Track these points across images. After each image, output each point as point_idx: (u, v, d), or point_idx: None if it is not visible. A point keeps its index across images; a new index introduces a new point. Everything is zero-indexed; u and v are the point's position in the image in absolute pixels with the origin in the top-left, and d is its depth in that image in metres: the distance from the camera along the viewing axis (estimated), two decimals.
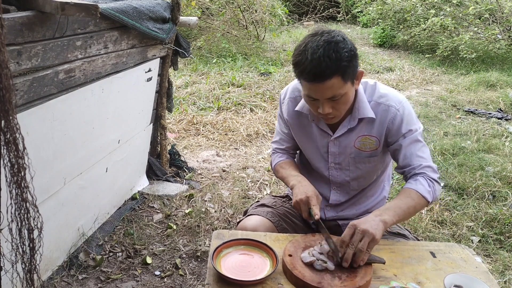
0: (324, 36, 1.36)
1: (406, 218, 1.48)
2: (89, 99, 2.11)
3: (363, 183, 1.70)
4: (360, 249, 1.29)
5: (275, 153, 1.82)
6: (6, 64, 1.10)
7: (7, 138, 1.15)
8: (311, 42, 1.36)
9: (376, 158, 1.62)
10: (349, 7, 11.23)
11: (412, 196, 1.47)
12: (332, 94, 1.40)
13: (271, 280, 1.28)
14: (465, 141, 3.97)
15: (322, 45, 1.34)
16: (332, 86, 1.37)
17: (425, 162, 1.53)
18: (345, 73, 1.36)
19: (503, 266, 2.44)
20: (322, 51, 1.33)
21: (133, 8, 2.24)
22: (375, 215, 1.38)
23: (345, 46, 1.35)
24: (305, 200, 1.48)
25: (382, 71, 6.76)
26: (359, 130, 1.57)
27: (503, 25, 7.24)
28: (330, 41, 1.34)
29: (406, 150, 1.54)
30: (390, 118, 1.54)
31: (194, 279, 2.27)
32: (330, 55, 1.33)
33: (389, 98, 1.55)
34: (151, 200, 2.93)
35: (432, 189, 1.50)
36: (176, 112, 4.50)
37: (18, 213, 1.23)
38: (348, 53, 1.35)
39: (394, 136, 1.55)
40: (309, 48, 1.35)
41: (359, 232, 1.31)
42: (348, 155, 1.62)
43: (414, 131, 1.54)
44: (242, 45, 7.28)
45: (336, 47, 1.34)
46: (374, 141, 1.58)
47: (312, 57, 1.33)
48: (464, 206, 2.99)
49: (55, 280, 2.14)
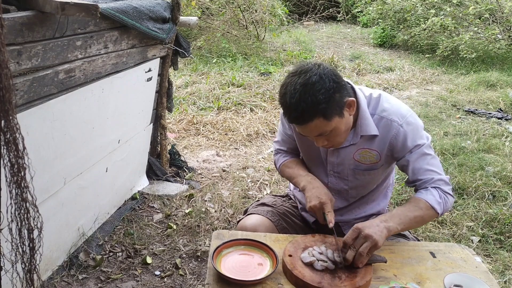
0: (301, 78, 1.34)
1: (412, 227, 1.46)
2: (89, 99, 2.11)
3: (362, 191, 1.68)
4: (360, 253, 1.29)
5: (278, 153, 1.81)
6: (6, 64, 1.10)
7: (7, 138, 1.15)
8: (290, 85, 1.35)
9: (376, 171, 1.60)
10: (349, 7, 11.22)
11: (420, 206, 1.44)
12: (318, 132, 1.40)
13: (271, 280, 1.28)
14: (465, 141, 3.97)
15: (298, 89, 1.32)
16: (316, 127, 1.37)
17: (436, 176, 1.49)
18: (326, 114, 1.34)
19: (503, 266, 2.44)
20: (298, 96, 1.32)
21: (133, 8, 2.24)
22: (381, 220, 1.37)
23: (322, 87, 1.32)
24: (319, 206, 1.48)
25: (382, 71, 6.76)
26: (360, 143, 1.55)
27: (503, 25, 7.24)
28: (306, 83, 1.32)
29: (414, 165, 1.50)
30: (392, 134, 1.50)
31: (194, 279, 2.27)
32: (306, 99, 1.31)
33: (392, 112, 1.51)
34: (151, 200, 2.93)
35: (443, 200, 1.47)
36: (176, 112, 4.50)
37: (18, 213, 1.23)
38: (325, 94, 1.32)
39: (400, 152, 1.52)
40: (288, 91, 1.35)
41: (362, 237, 1.30)
42: (347, 166, 1.60)
43: (421, 145, 1.49)
44: (242, 45, 7.27)
45: (312, 89, 1.31)
46: (374, 154, 1.55)
47: (290, 101, 1.34)
48: (464, 206, 2.99)
49: (55, 280, 2.14)
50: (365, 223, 1.35)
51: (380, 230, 1.33)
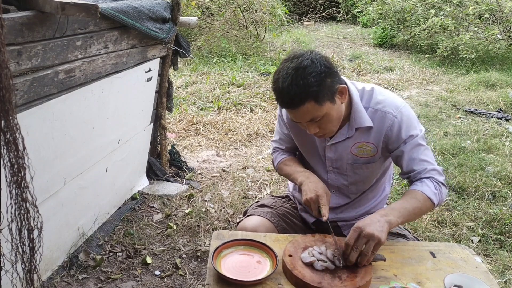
0: (293, 63, 1.36)
1: (411, 219, 1.48)
2: (89, 99, 2.11)
3: (362, 187, 1.69)
4: (364, 253, 1.29)
5: (275, 152, 1.82)
6: (6, 64, 1.10)
7: (7, 138, 1.15)
8: (282, 70, 1.37)
9: (374, 164, 1.61)
10: (349, 7, 11.22)
11: (418, 197, 1.46)
12: (309, 117, 1.41)
13: (271, 281, 1.28)
14: (465, 141, 3.97)
15: (290, 73, 1.34)
16: (308, 111, 1.38)
17: (430, 166, 1.51)
18: (317, 97, 1.36)
19: (503, 266, 2.44)
20: (290, 79, 1.34)
21: (133, 8, 2.24)
22: (381, 215, 1.37)
23: (313, 70, 1.34)
24: (315, 198, 1.48)
25: (382, 71, 6.76)
26: (356, 137, 1.56)
27: (503, 25, 7.24)
28: (297, 67, 1.34)
29: (408, 156, 1.51)
30: (388, 125, 1.51)
31: (194, 279, 2.27)
32: (298, 82, 1.33)
33: (386, 104, 1.52)
34: (151, 200, 2.93)
35: (439, 191, 1.49)
36: (176, 112, 4.50)
37: (18, 213, 1.23)
38: (317, 77, 1.34)
39: (394, 143, 1.53)
40: (280, 76, 1.37)
41: (364, 236, 1.30)
42: (345, 161, 1.61)
43: (415, 136, 1.51)
44: (242, 45, 7.27)
45: (304, 73, 1.33)
46: (371, 147, 1.56)
47: (282, 85, 1.35)
48: (464, 206, 2.99)
49: (55, 280, 2.14)
50: (365, 221, 1.34)
51: (381, 225, 1.33)
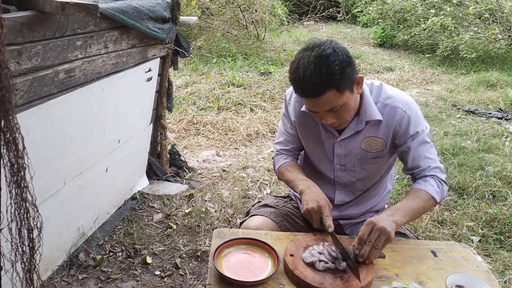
0: (314, 51, 1.35)
1: (415, 218, 1.51)
2: (89, 99, 2.11)
3: (368, 183, 1.70)
4: (375, 247, 1.31)
5: (279, 155, 1.79)
6: (6, 64, 1.10)
7: (7, 138, 1.15)
8: (303, 59, 1.36)
9: (382, 159, 1.62)
10: (349, 7, 11.23)
11: (422, 196, 1.48)
12: (330, 107, 1.40)
13: (273, 281, 1.28)
14: (465, 141, 3.97)
15: (312, 61, 1.34)
16: (329, 100, 1.38)
17: (434, 163, 1.54)
18: (339, 85, 1.36)
19: (503, 266, 2.44)
20: (313, 68, 1.33)
21: (133, 8, 2.24)
22: (387, 215, 1.39)
23: (336, 59, 1.34)
24: (317, 209, 1.46)
25: (382, 71, 6.76)
26: (365, 132, 1.57)
27: (503, 25, 7.24)
28: (320, 55, 1.34)
29: (414, 152, 1.54)
30: (397, 120, 1.53)
31: (194, 279, 2.27)
32: (321, 70, 1.33)
33: (396, 99, 1.54)
34: (151, 200, 2.93)
35: (441, 189, 1.52)
36: (176, 112, 4.50)
37: (17, 213, 1.23)
38: (340, 65, 1.34)
39: (401, 138, 1.55)
40: (301, 65, 1.36)
41: (377, 230, 1.32)
42: (353, 156, 1.61)
43: (421, 132, 1.54)
44: (242, 45, 7.27)
45: (327, 61, 1.33)
46: (380, 142, 1.57)
47: (304, 74, 1.34)
48: (464, 206, 2.99)
49: (55, 280, 2.14)
50: (377, 217, 1.37)
51: (390, 223, 1.36)
